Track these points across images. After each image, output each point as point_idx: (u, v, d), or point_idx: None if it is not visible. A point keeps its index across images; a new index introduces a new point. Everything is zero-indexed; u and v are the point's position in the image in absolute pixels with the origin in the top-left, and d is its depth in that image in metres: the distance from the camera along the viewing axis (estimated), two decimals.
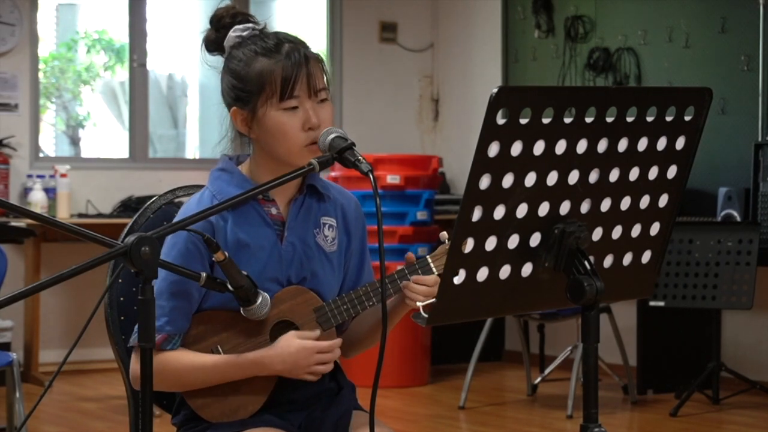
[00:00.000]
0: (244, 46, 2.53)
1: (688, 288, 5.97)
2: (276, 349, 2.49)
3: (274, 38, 2.53)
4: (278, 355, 2.49)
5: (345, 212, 2.65)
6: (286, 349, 2.49)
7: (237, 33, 2.55)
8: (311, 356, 2.49)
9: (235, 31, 2.55)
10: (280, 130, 2.49)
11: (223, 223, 2.51)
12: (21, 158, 7.23)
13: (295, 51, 2.50)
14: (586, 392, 2.17)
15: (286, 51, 2.50)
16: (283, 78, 2.48)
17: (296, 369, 2.49)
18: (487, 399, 6.51)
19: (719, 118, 6.44)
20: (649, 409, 6.16)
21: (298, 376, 2.51)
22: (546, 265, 2.12)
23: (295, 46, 2.51)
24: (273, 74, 2.48)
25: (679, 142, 2.18)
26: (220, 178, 2.57)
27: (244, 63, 2.51)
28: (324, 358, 2.51)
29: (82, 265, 2.02)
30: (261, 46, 2.51)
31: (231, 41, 2.56)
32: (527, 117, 1.98)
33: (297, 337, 2.50)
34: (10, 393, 4.62)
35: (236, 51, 2.54)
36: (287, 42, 2.52)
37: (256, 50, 2.51)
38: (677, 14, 6.80)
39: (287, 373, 2.50)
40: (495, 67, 7.91)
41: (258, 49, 2.51)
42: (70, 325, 7.32)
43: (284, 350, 2.48)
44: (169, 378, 2.50)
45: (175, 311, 2.49)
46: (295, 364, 2.49)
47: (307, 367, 2.50)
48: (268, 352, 2.50)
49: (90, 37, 9.11)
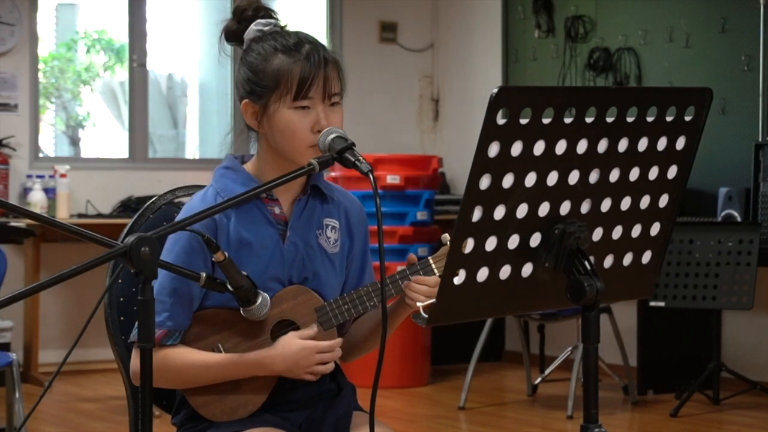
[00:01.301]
0: (264, 41, 2.53)
1: (689, 288, 5.96)
2: (277, 349, 2.49)
3: (294, 37, 2.53)
4: (279, 355, 2.49)
5: (348, 214, 2.65)
6: (287, 349, 2.49)
7: (259, 27, 2.56)
8: (312, 356, 2.49)
9: (257, 25, 2.56)
10: (289, 128, 2.49)
11: (226, 221, 2.51)
12: (21, 158, 7.23)
13: (315, 52, 2.50)
14: (587, 392, 2.17)
15: (306, 51, 2.50)
16: (301, 78, 2.48)
17: (297, 369, 2.49)
18: (487, 399, 6.51)
19: (720, 118, 6.44)
20: (650, 410, 6.15)
21: (299, 375, 2.51)
22: (546, 266, 2.12)
23: (315, 48, 2.52)
24: (291, 73, 2.48)
25: (680, 142, 2.18)
26: (225, 175, 2.57)
27: (263, 57, 2.51)
28: (325, 358, 2.51)
29: (82, 266, 2.02)
30: (281, 43, 2.51)
31: (251, 34, 2.56)
32: (527, 117, 1.98)
33: (297, 337, 2.50)
34: (10, 393, 4.62)
35: (256, 45, 2.54)
36: (308, 42, 2.52)
37: (276, 46, 2.51)
38: (677, 14, 6.80)
39: (288, 372, 2.50)
40: (495, 67, 7.91)
41: (278, 45, 2.51)
42: (69, 326, 7.32)
43: (285, 350, 2.49)
44: (170, 375, 2.50)
45: (177, 307, 2.49)
46: (295, 364, 2.49)
47: (307, 366, 2.50)
48: (268, 352, 2.50)
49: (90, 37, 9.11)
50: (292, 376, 2.51)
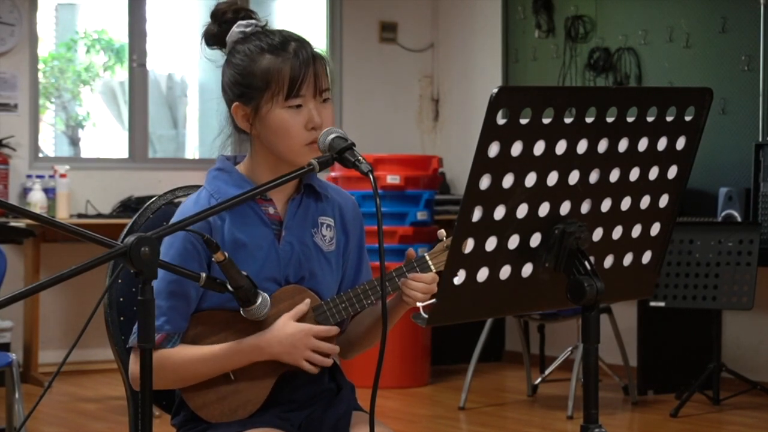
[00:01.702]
0: (248, 42, 2.52)
1: (689, 288, 5.96)
2: (272, 331, 2.49)
3: (279, 35, 2.51)
4: (275, 337, 2.48)
5: (342, 212, 2.64)
6: (282, 331, 2.48)
7: (240, 28, 2.54)
8: (308, 339, 2.48)
9: (238, 27, 2.54)
10: (283, 128, 2.48)
11: (220, 222, 2.51)
12: (20, 158, 7.23)
13: (302, 49, 2.49)
14: (587, 393, 2.17)
15: (294, 49, 2.49)
16: (291, 77, 2.46)
17: (294, 351, 2.48)
18: (487, 399, 6.50)
19: (720, 118, 6.44)
20: (650, 410, 6.15)
21: (297, 361, 2.49)
22: (546, 266, 2.12)
23: (301, 45, 2.50)
24: (281, 72, 2.47)
25: (680, 142, 2.18)
26: (218, 177, 2.57)
27: (249, 59, 2.50)
28: (321, 346, 2.50)
29: (82, 266, 2.02)
30: (267, 42, 2.50)
31: (234, 36, 2.54)
32: (527, 117, 1.98)
33: (292, 318, 2.49)
34: (10, 393, 4.62)
35: (240, 46, 2.52)
36: (293, 40, 2.51)
37: (262, 46, 2.50)
38: (678, 14, 6.80)
39: (286, 355, 2.48)
40: (495, 67, 7.91)
41: (264, 45, 2.50)
42: (69, 326, 7.32)
43: (280, 332, 2.48)
44: (168, 374, 2.49)
45: (173, 311, 2.48)
46: (292, 346, 2.48)
47: (304, 349, 2.48)
48: (264, 335, 2.49)
49: (89, 37, 9.10)
50: (290, 360, 2.49)
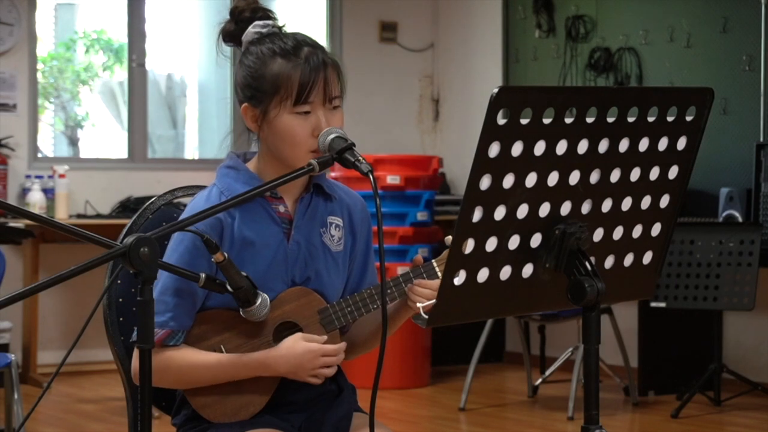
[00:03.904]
0: (262, 44, 2.51)
1: (690, 289, 5.96)
2: (281, 350, 2.48)
3: (292, 39, 2.50)
4: (282, 357, 2.47)
5: (351, 213, 2.64)
6: (291, 351, 2.47)
7: (257, 29, 2.52)
8: (316, 359, 2.48)
9: (254, 27, 2.53)
10: (290, 134, 2.47)
11: (230, 220, 2.50)
12: (19, 158, 7.22)
13: (314, 55, 2.47)
14: (587, 394, 2.16)
15: (305, 55, 2.47)
16: (301, 83, 2.45)
17: (300, 371, 2.48)
18: (487, 400, 6.50)
19: (721, 118, 6.43)
20: (651, 411, 6.15)
21: (302, 378, 2.49)
22: (547, 266, 2.11)
23: (314, 51, 2.49)
24: (290, 78, 2.46)
25: (681, 142, 2.17)
26: (228, 175, 2.56)
27: (261, 61, 2.49)
28: (329, 362, 2.50)
29: (81, 266, 2.01)
30: (279, 46, 2.49)
31: (249, 36, 2.53)
32: (528, 117, 1.97)
33: (302, 339, 2.48)
34: (9, 394, 4.61)
35: (254, 47, 2.51)
36: (306, 45, 2.49)
37: (274, 50, 2.48)
38: (678, 14, 6.79)
39: (291, 374, 2.49)
40: (495, 67, 7.90)
41: (276, 48, 2.48)
42: (68, 327, 7.31)
43: (289, 352, 2.47)
44: (172, 375, 2.49)
45: (180, 308, 2.48)
46: (299, 366, 2.47)
47: (311, 369, 2.48)
48: (272, 352, 2.48)
49: (89, 36, 9.10)
50: (295, 378, 2.50)
